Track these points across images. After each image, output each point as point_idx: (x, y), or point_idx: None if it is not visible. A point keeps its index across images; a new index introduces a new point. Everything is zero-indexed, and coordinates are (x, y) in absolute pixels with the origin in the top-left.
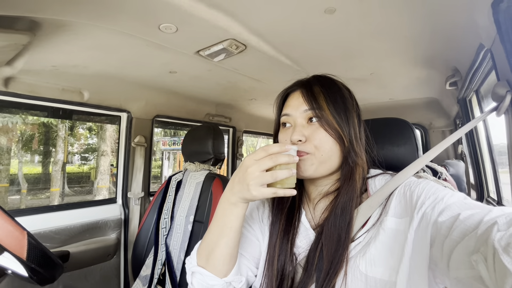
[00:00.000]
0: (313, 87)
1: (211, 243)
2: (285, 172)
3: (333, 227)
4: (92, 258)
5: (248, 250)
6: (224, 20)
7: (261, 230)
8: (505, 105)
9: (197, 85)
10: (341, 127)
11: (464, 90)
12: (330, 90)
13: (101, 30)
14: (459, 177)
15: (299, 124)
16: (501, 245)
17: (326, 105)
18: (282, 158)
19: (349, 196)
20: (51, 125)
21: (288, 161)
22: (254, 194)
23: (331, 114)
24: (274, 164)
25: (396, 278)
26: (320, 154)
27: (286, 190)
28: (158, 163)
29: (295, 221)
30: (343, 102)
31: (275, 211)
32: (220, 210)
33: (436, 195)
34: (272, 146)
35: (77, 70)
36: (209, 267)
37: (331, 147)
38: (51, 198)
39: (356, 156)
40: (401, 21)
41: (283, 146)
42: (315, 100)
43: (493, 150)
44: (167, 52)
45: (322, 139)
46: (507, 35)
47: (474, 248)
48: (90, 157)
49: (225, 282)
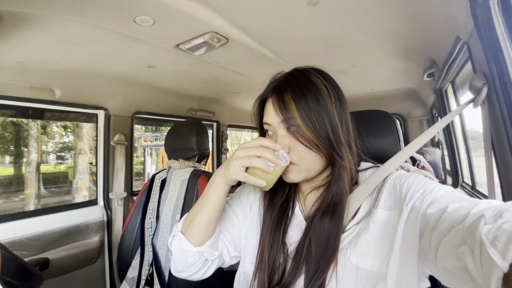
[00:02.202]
0: (284, 94)
1: (192, 214)
2: (259, 162)
3: (323, 221)
4: (75, 263)
5: (228, 229)
6: (204, 13)
7: (244, 214)
8: (481, 97)
9: (178, 79)
10: (317, 134)
11: (441, 81)
12: (302, 94)
13: (70, 22)
14: (435, 164)
15: (280, 135)
16: (488, 238)
17: (298, 113)
18: (266, 153)
19: (339, 195)
20: (21, 124)
21: (270, 158)
22: (230, 172)
23: (304, 123)
24: (258, 154)
25: (386, 269)
26: (305, 163)
27: (256, 179)
28: (140, 159)
29: (289, 211)
30: (317, 103)
31: (268, 202)
32: (206, 187)
33: (425, 188)
34: (264, 139)
35: (46, 65)
36: (187, 235)
37: (312, 157)
38: (26, 200)
39: (341, 159)
40: (382, 13)
41: (274, 144)
42: (287, 110)
43: (467, 138)
44: (145, 46)
45: (302, 150)
46: (484, 28)
47: (461, 240)
48: (66, 156)
49: (198, 251)
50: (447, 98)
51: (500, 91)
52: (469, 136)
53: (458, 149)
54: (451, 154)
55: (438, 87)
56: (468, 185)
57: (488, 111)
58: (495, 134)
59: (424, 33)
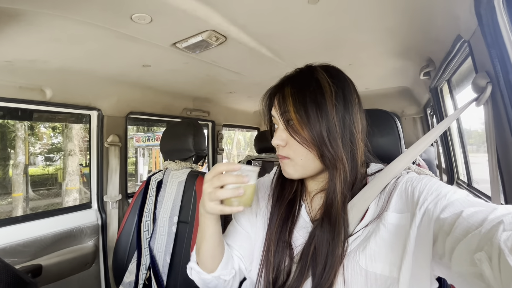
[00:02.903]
0: (284, 89)
1: (198, 244)
2: (226, 193)
3: (328, 225)
4: (69, 269)
5: (236, 243)
6: (203, 10)
7: (250, 222)
8: (485, 96)
9: (173, 79)
10: (310, 132)
11: (437, 80)
12: (301, 89)
13: (61, 20)
14: (430, 161)
15: (280, 128)
16: (508, 246)
17: (293, 108)
18: (228, 179)
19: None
20: (7, 125)
21: (235, 182)
22: (207, 209)
23: (297, 119)
24: (221, 183)
25: (397, 274)
26: (299, 159)
27: (233, 208)
28: (132, 160)
29: (295, 212)
30: (315, 100)
31: (275, 203)
32: (199, 217)
33: (439, 192)
34: (219, 165)
35: (36, 65)
36: (200, 264)
37: (306, 153)
38: (13, 204)
39: (333, 159)
40: (383, 12)
41: (231, 166)
42: (284, 104)
43: (464, 135)
44: (141, 44)
45: (296, 146)
46: (488, 27)
47: (478, 246)
48: (55, 158)
49: (213, 277)
50: (442, 96)
51: (504, 90)
52: (465, 134)
53: (453, 146)
54: (446, 151)
55: (433, 85)
56: (464, 182)
57: (491, 110)
58: (498, 133)
59: (423, 31)
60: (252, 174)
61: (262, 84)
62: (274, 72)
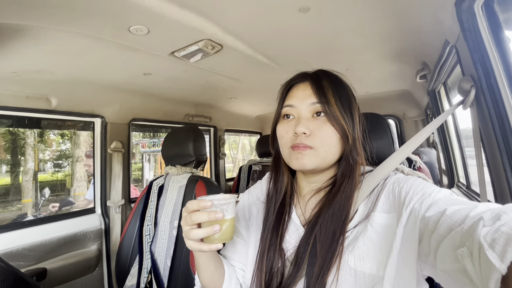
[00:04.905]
0: (322, 80)
1: (197, 271)
2: (199, 232)
3: (329, 223)
4: (73, 273)
5: (237, 254)
6: (198, 21)
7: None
8: (470, 99)
9: (174, 86)
10: (347, 124)
11: (433, 83)
12: (338, 86)
13: (65, 34)
14: (431, 164)
15: (303, 116)
16: (487, 241)
17: (334, 100)
18: (201, 217)
19: (348, 193)
20: (17, 133)
21: (208, 219)
22: (188, 246)
23: (338, 110)
24: (193, 222)
25: (383, 272)
26: (323, 150)
27: (212, 245)
28: (139, 165)
29: (285, 216)
30: (348, 100)
31: (267, 207)
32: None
33: (424, 191)
34: (190, 203)
35: (42, 76)
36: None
37: (334, 144)
38: (23, 209)
39: (357, 155)
40: (373, 18)
41: (202, 203)
42: (324, 94)
43: (461, 138)
44: (140, 54)
45: (328, 134)
46: (470, 32)
47: (460, 243)
48: (64, 164)
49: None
50: (440, 99)
51: (487, 93)
52: (462, 136)
53: (452, 149)
54: (446, 154)
55: (431, 88)
56: (464, 185)
57: (477, 112)
58: (485, 134)
59: (415, 36)
60: (228, 206)
61: (261, 90)
62: (272, 78)
